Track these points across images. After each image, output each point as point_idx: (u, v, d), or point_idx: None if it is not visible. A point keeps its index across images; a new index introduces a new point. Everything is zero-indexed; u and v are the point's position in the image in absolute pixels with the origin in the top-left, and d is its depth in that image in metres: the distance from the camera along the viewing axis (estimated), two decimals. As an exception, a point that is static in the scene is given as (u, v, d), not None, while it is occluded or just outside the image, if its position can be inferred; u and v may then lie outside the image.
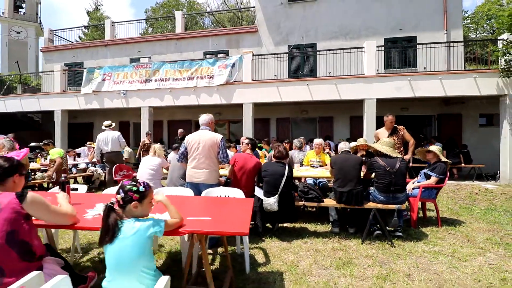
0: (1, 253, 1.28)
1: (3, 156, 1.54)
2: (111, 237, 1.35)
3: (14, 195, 1.40)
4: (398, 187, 3.29)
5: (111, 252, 1.35)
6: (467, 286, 2.35)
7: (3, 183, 1.46)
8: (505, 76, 6.96)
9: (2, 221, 1.31)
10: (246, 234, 1.65)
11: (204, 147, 3.07)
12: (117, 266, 1.34)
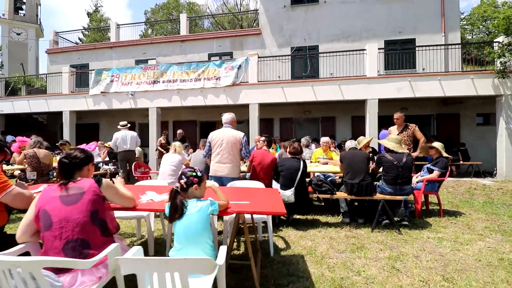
0: (87, 229, 1.54)
1: (80, 148, 1.80)
2: (180, 215, 1.62)
3: (93, 180, 1.66)
4: (405, 179, 3.59)
5: (181, 227, 1.62)
6: (469, 265, 2.64)
7: (80, 171, 1.72)
8: (500, 77, 7.30)
9: (87, 202, 1.57)
10: (284, 214, 1.92)
11: (227, 143, 3.35)
12: (186, 238, 1.61)
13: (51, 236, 1.48)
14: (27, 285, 1.24)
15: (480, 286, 2.26)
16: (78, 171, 1.70)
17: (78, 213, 1.52)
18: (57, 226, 1.48)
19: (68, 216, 1.50)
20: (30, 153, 5.13)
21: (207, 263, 1.25)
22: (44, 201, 1.54)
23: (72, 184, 1.60)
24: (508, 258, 2.76)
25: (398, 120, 4.89)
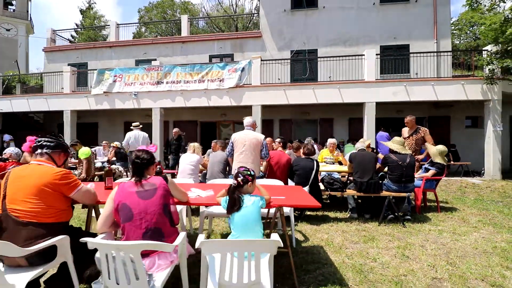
0: (160, 220, 1.80)
1: (145, 149, 2.05)
2: (238, 207, 1.91)
3: (161, 178, 1.93)
4: (409, 178, 3.97)
5: (239, 217, 1.91)
6: (468, 252, 3.02)
7: (147, 170, 1.98)
8: (489, 83, 7.84)
9: (160, 196, 1.83)
10: (319, 206, 2.23)
11: (250, 144, 3.64)
12: (244, 226, 1.89)
13: (132, 226, 1.74)
14: (126, 267, 1.50)
15: (479, 269, 2.64)
16: (146, 169, 1.96)
17: (153, 206, 1.78)
18: (137, 218, 1.74)
19: (146, 208, 1.76)
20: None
21: (275, 244, 1.54)
22: (122, 196, 1.80)
23: (145, 181, 1.86)
24: (501, 246, 3.16)
25: (409, 123, 5.24)
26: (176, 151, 8.08)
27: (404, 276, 2.49)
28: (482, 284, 2.37)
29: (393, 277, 2.47)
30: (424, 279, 2.45)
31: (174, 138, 8.18)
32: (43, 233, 1.78)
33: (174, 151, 8.12)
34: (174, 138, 8.18)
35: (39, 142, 2.00)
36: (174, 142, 8.14)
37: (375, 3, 11.32)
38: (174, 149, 8.11)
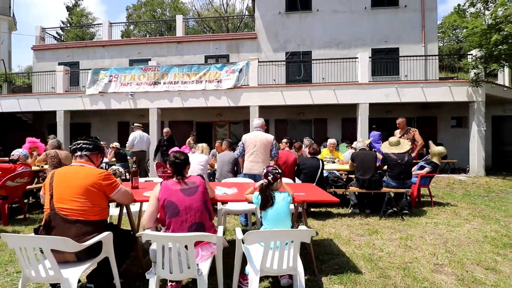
0: (203, 215, 1.97)
1: (181, 151, 2.21)
2: (271, 203, 2.10)
3: (200, 177, 2.10)
4: (407, 175, 4.28)
5: (272, 212, 2.10)
6: (462, 241, 3.34)
7: (185, 169, 2.14)
8: (474, 86, 8.35)
9: (201, 194, 2.00)
10: (337, 201, 2.46)
11: (260, 145, 3.83)
12: (276, 220, 2.09)
13: (179, 220, 1.91)
14: (180, 257, 1.67)
15: (474, 255, 2.95)
16: (184, 169, 2.13)
17: (197, 202, 1.96)
18: (183, 213, 1.91)
19: (190, 204, 1.94)
20: (51, 153, 5.25)
21: (310, 233, 1.75)
22: (167, 194, 1.96)
23: (186, 180, 2.03)
24: (491, 235, 3.50)
25: (400, 124, 5.61)
26: (167, 153, 7.29)
27: (410, 263, 2.76)
28: (478, 268, 2.67)
29: (400, 264, 2.74)
30: (427, 265, 2.73)
31: (165, 139, 7.61)
32: (90, 230, 1.91)
33: (165, 153, 7.46)
34: (165, 139, 7.61)
35: (78, 145, 2.11)
36: (165, 143, 7.56)
37: (366, 8, 11.74)
38: (165, 150, 7.42)
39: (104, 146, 8.48)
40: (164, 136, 7.69)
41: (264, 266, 1.75)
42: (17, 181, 4.20)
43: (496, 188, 6.62)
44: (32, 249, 1.63)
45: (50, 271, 1.68)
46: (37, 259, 1.76)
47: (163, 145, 7.59)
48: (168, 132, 7.71)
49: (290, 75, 11.86)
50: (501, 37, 6.72)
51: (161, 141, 7.76)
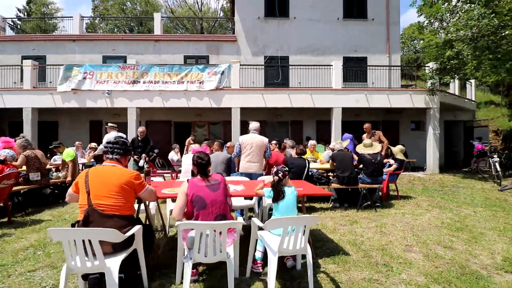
0: (225, 208, 2.27)
1: (202, 151, 2.47)
2: (283, 196, 2.47)
3: (220, 175, 2.40)
4: (379, 172, 4.93)
5: (283, 204, 2.47)
6: (425, 227, 4.01)
7: (208, 168, 2.42)
8: (430, 94, 9.51)
9: (223, 189, 2.31)
10: (330, 195, 2.90)
11: (256, 146, 4.19)
12: (286, 210, 2.45)
13: (206, 213, 2.19)
14: (215, 242, 1.97)
15: (435, 237, 3.60)
16: (207, 168, 2.41)
17: (220, 196, 2.26)
18: (209, 206, 2.20)
19: (215, 198, 2.24)
20: (31, 155, 5.11)
21: (317, 220, 2.16)
22: (195, 190, 2.24)
23: (210, 177, 2.32)
24: (447, 222, 4.23)
25: (367, 129, 6.33)
26: (141, 154, 6.57)
27: (386, 245, 3.32)
28: (439, 247, 3.30)
29: (379, 246, 3.27)
30: (400, 246, 3.30)
31: (140, 139, 6.76)
32: (125, 224, 2.12)
33: (139, 154, 6.59)
34: (140, 139, 6.76)
35: (111, 149, 2.29)
36: (139, 144, 6.70)
37: (339, 18, 12.64)
38: (140, 152, 6.61)
39: (79, 146, 8.22)
40: (139, 136, 6.86)
41: (282, 247, 2.12)
42: (4, 183, 4.08)
43: (448, 183, 7.69)
44: (81, 241, 1.81)
45: (95, 261, 1.87)
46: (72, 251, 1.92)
47: (137, 146, 6.70)
48: (144, 132, 6.97)
49: (268, 78, 12.33)
50: (453, 53, 7.81)
51: (135, 142, 6.85)
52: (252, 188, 2.99)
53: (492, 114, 13.58)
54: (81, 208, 2.08)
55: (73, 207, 5.16)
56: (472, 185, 7.38)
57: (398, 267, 2.79)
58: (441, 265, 2.86)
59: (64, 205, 5.33)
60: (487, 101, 15.26)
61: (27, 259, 2.92)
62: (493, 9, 7.42)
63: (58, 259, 2.90)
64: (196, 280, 2.42)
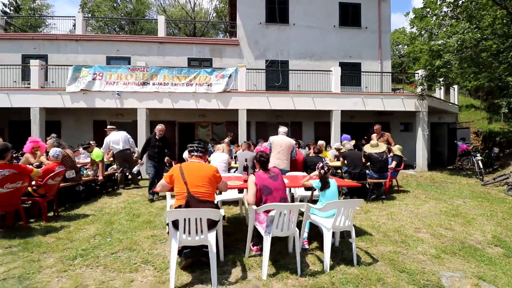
0: (284, 193, 2.84)
1: (265, 152, 3.04)
2: (328, 186, 3.08)
3: (277, 168, 2.98)
4: (385, 169, 5.66)
5: (329, 192, 3.07)
6: (427, 214, 4.76)
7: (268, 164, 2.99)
8: (420, 99, 10.46)
9: (281, 179, 2.89)
10: (359, 186, 3.54)
11: (285, 147, 4.80)
12: (331, 197, 3.06)
13: (272, 197, 2.77)
14: (290, 221, 2.56)
15: (436, 222, 4.34)
16: (268, 163, 2.99)
17: (280, 184, 2.86)
18: (274, 192, 2.79)
19: (277, 186, 2.83)
20: (65, 154, 5.45)
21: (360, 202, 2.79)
22: (261, 181, 2.82)
23: (270, 170, 2.91)
24: (443, 210, 5.01)
25: (377, 130, 7.05)
26: (159, 156, 5.85)
27: (399, 228, 4.01)
28: (441, 229, 4.03)
29: (394, 229, 3.97)
30: (410, 228, 4.01)
31: (158, 138, 5.84)
32: (214, 207, 2.66)
33: (156, 156, 5.81)
34: (158, 138, 5.84)
35: (196, 148, 2.83)
36: (157, 143, 5.82)
37: (335, 26, 13.45)
38: (157, 153, 5.81)
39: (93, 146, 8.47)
40: (156, 135, 5.87)
41: (335, 225, 2.73)
42: (55, 180, 4.46)
43: (438, 179, 8.61)
44: (194, 219, 2.34)
45: (201, 235, 2.40)
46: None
47: (154, 145, 5.84)
48: (163, 130, 5.96)
49: (269, 81, 12.95)
50: (442, 62, 8.74)
51: (151, 141, 5.91)
52: (294, 181, 3.59)
53: (473, 117, 14.87)
54: (180, 195, 2.60)
55: (106, 203, 5.56)
56: (459, 181, 8.33)
57: (413, 243, 3.48)
58: (445, 241, 3.58)
59: (95, 201, 5.70)
60: (468, 105, 16.62)
61: (102, 245, 3.36)
62: (476, 24, 8.39)
63: (131, 244, 3.37)
64: (259, 255, 2.99)
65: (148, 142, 5.98)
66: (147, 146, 5.97)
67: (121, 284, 2.47)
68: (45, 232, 3.75)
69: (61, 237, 3.58)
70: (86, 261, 2.90)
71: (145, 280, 2.54)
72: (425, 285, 2.52)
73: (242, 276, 2.60)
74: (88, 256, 3.03)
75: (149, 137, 6.16)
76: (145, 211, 4.86)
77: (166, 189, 2.76)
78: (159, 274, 2.63)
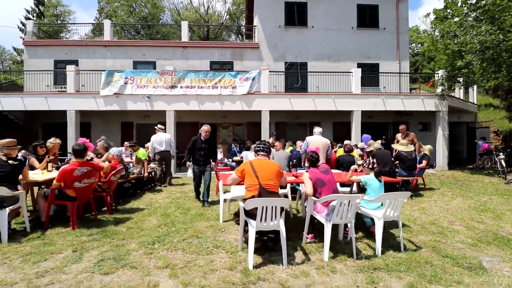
0: (335, 185, 3.25)
1: (316, 151, 3.43)
2: (380, 180, 3.45)
3: (327, 164, 3.37)
4: (414, 167, 5.96)
5: (377, 186, 3.44)
6: (456, 210, 5.05)
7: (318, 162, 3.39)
8: (440, 99, 10.63)
9: (331, 173, 3.28)
10: (399, 181, 3.88)
11: (322, 146, 5.18)
12: (380, 190, 3.43)
13: (326, 189, 3.16)
14: (349, 209, 2.95)
15: (467, 216, 4.63)
16: (318, 162, 3.38)
17: (331, 178, 3.26)
18: (328, 184, 3.18)
19: (330, 179, 3.22)
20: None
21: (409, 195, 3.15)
22: (316, 175, 3.22)
23: (320, 166, 3.30)
24: (471, 206, 5.29)
25: (402, 129, 7.33)
26: (205, 160, 5.35)
27: (434, 221, 4.33)
28: (473, 222, 4.33)
29: (429, 222, 4.29)
30: (444, 221, 4.33)
31: (203, 140, 5.35)
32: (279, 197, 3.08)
33: (202, 159, 5.32)
34: (203, 140, 5.35)
35: (262, 147, 3.26)
36: (203, 146, 5.31)
37: (353, 27, 13.70)
38: (203, 156, 5.31)
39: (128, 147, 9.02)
40: (202, 137, 5.38)
41: (386, 215, 3.10)
42: (116, 176, 4.96)
43: (460, 178, 8.80)
44: (271, 207, 2.75)
45: (275, 221, 2.81)
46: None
47: (200, 147, 5.33)
48: (209, 132, 5.45)
49: (288, 83, 13.32)
50: (463, 63, 8.92)
51: (197, 143, 5.38)
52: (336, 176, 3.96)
53: (492, 116, 14.83)
54: (252, 187, 3.01)
55: (152, 198, 6.05)
56: (481, 179, 8.50)
57: (450, 234, 3.81)
58: (479, 232, 3.89)
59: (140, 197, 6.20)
60: (486, 104, 16.56)
61: (171, 233, 3.81)
62: (498, 25, 8.53)
63: (195, 232, 3.81)
64: (314, 242, 3.39)
65: (194, 144, 5.36)
66: (193, 148, 5.36)
67: (205, 263, 2.90)
68: (115, 222, 4.24)
69: (131, 227, 4.06)
70: (165, 246, 3.36)
71: (222, 260, 2.97)
72: (469, 267, 2.85)
73: (306, 258, 3.00)
74: (164, 241, 3.48)
75: (194, 138, 5.45)
76: (193, 206, 5.31)
77: (236, 182, 3.20)
78: (233, 256, 3.06)
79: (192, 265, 2.87)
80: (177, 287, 2.47)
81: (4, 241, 3.41)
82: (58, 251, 3.19)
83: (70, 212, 3.93)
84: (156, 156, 7.87)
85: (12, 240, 3.48)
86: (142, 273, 2.69)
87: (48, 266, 2.83)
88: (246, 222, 3.03)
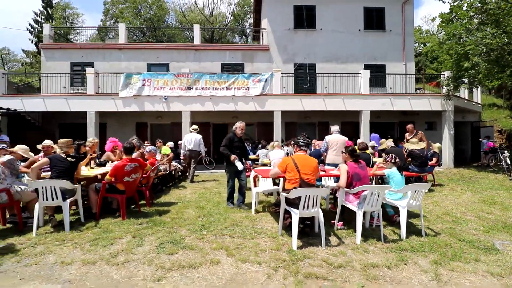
0: (368, 179, 3.68)
1: (351, 146, 3.85)
2: (401, 174, 3.87)
3: (363, 160, 3.79)
4: (425, 163, 6.37)
5: (398, 178, 3.86)
6: (466, 203, 5.46)
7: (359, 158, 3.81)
8: (446, 99, 11.03)
9: (366, 169, 3.71)
10: (417, 175, 4.30)
11: (341, 144, 5.60)
12: (402, 183, 3.85)
13: (360, 183, 3.58)
14: (378, 199, 3.37)
15: (478, 208, 5.05)
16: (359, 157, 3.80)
17: (367, 173, 3.68)
18: (363, 178, 3.60)
19: (365, 174, 3.65)
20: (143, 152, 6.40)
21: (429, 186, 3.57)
22: (353, 169, 3.64)
23: (360, 162, 3.73)
24: (481, 199, 5.70)
25: (409, 128, 7.72)
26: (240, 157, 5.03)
27: (448, 213, 4.75)
28: (483, 213, 4.75)
29: (444, 213, 4.71)
30: (457, 213, 4.74)
31: (238, 138, 5.17)
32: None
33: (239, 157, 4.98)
34: (238, 138, 5.17)
35: (302, 142, 3.67)
36: (238, 144, 5.13)
37: (360, 30, 14.10)
38: (239, 154, 5.04)
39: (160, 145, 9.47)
40: (237, 134, 5.18)
41: (409, 204, 3.52)
42: (154, 172, 5.40)
43: (466, 175, 9.20)
44: (313, 196, 3.18)
45: (314, 208, 3.24)
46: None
47: (236, 146, 5.10)
48: (244, 129, 5.27)
49: (298, 84, 13.73)
50: (470, 64, 9.32)
51: (234, 140, 5.12)
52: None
53: (495, 115, 15.21)
54: (293, 180, 3.43)
55: (179, 194, 6.48)
56: (487, 176, 8.90)
57: (463, 222, 4.22)
58: (490, 222, 4.31)
59: (168, 192, 6.62)
60: (490, 104, 16.94)
61: (212, 222, 4.22)
62: (503, 29, 8.93)
63: (234, 222, 4.24)
64: (343, 228, 3.81)
65: (231, 142, 5.03)
66: (231, 146, 5.01)
67: (252, 246, 3.33)
68: (158, 214, 4.67)
69: (174, 217, 4.49)
70: (211, 232, 3.78)
71: (267, 243, 3.40)
72: (483, 248, 3.27)
73: (340, 242, 3.43)
74: (210, 229, 3.91)
75: (229, 135, 5.13)
76: (222, 200, 5.73)
77: (277, 176, 3.62)
78: (275, 240, 3.48)
79: (243, 247, 3.29)
80: (236, 263, 2.89)
81: (67, 229, 3.84)
82: (119, 237, 3.61)
83: (120, 203, 4.35)
84: (186, 153, 8.43)
85: (73, 229, 3.91)
86: (202, 253, 3.12)
87: (117, 249, 3.26)
88: (285, 210, 3.46)
